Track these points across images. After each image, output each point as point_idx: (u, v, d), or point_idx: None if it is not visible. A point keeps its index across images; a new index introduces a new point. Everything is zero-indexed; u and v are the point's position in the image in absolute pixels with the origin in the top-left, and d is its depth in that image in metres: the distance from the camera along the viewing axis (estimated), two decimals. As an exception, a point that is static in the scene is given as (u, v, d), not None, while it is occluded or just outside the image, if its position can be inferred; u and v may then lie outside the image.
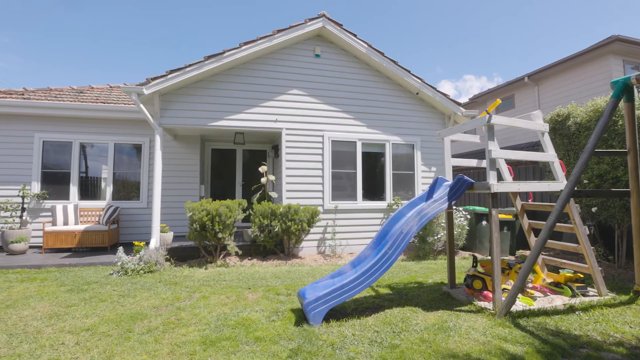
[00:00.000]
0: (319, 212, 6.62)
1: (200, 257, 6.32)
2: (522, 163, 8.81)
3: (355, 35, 7.29)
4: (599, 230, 5.95)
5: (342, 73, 7.53)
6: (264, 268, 5.82)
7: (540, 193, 7.54)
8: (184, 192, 8.16)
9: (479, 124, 3.87)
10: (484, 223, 7.08)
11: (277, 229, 6.21)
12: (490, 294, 3.82)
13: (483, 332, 3.05)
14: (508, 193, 5.89)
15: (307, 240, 7.02)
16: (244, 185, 9.27)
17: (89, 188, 7.91)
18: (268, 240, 6.36)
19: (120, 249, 5.50)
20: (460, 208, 7.68)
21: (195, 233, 5.81)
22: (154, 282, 4.81)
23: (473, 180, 3.95)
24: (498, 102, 4.34)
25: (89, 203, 7.75)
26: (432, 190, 4.19)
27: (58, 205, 7.13)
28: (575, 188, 3.70)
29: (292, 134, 7.16)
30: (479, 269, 4.16)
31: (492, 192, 3.69)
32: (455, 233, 6.92)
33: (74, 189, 7.71)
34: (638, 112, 4.56)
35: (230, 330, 3.08)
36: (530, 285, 4.26)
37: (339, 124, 7.44)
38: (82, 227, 6.89)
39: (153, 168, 6.82)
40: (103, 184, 7.98)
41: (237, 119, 6.86)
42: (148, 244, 6.23)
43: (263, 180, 7.08)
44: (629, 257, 5.49)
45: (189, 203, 5.94)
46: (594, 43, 10.22)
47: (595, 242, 5.84)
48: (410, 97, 7.96)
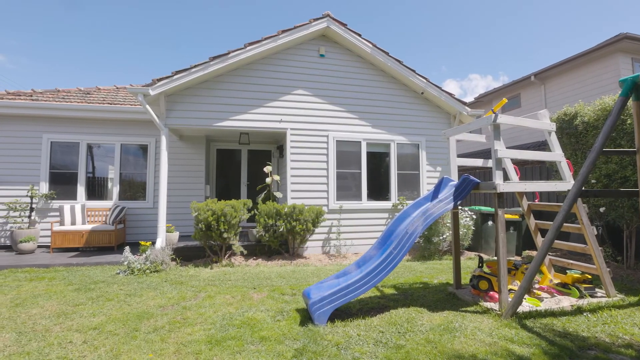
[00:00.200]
0: (324, 212, 6.62)
1: (206, 256, 6.36)
2: (528, 163, 8.72)
3: (360, 35, 7.28)
4: (607, 231, 5.88)
5: (346, 73, 7.53)
6: (269, 268, 5.84)
7: (547, 193, 7.46)
8: (190, 192, 8.22)
9: (485, 124, 3.84)
10: (490, 223, 7.03)
11: (282, 229, 6.23)
12: (497, 295, 3.79)
13: (489, 333, 3.03)
14: (514, 193, 5.84)
15: (311, 240, 7.03)
16: (249, 185, 9.31)
17: (96, 188, 8.00)
18: (273, 240, 6.38)
19: (127, 249, 5.55)
20: (466, 208, 7.63)
21: (201, 233, 5.85)
22: (160, 281, 4.85)
23: (479, 180, 3.92)
24: (504, 101, 4.29)
25: (96, 203, 7.84)
26: (437, 190, 4.16)
27: (66, 205, 7.22)
28: (583, 188, 3.65)
29: (296, 134, 7.17)
30: (485, 270, 4.13)
31: (498, 192, 3.66)
32: (461, 233, 6.87)
33: (81, 189, 7.80)
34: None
35: (236, 330, 3.10)
36: (537, 286, 4.22)
37: (344, 124, 7.44)
38: (89, 227, 6.97)
39: (159, 168, 6.89)
40: (110, 184, 8.06)
41: (242, 119, 6.89)
42: (154, 244, 6.30)
43: (268, 180, 7.10)
44: (638, 257, 5.42)
45: (195, 203, 5.98)
46: (602, 41, 10.08)
47: (604, 242, 5.76)
48: (415, 96, 7.93)
